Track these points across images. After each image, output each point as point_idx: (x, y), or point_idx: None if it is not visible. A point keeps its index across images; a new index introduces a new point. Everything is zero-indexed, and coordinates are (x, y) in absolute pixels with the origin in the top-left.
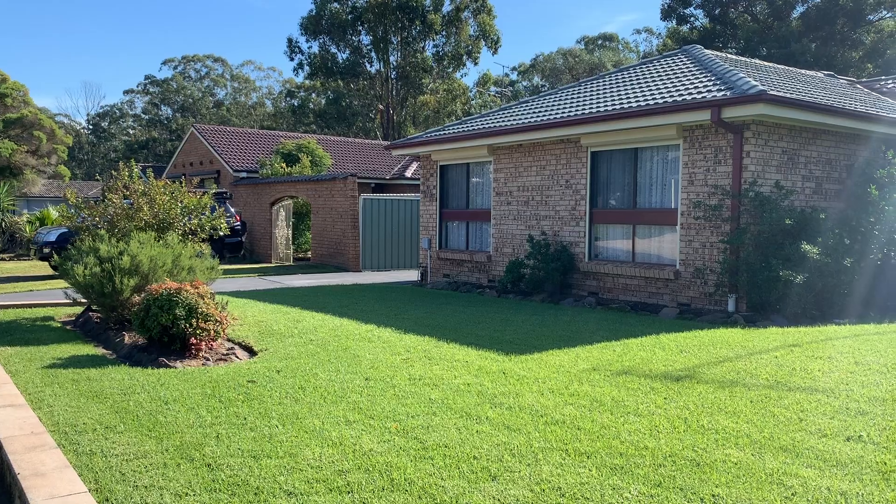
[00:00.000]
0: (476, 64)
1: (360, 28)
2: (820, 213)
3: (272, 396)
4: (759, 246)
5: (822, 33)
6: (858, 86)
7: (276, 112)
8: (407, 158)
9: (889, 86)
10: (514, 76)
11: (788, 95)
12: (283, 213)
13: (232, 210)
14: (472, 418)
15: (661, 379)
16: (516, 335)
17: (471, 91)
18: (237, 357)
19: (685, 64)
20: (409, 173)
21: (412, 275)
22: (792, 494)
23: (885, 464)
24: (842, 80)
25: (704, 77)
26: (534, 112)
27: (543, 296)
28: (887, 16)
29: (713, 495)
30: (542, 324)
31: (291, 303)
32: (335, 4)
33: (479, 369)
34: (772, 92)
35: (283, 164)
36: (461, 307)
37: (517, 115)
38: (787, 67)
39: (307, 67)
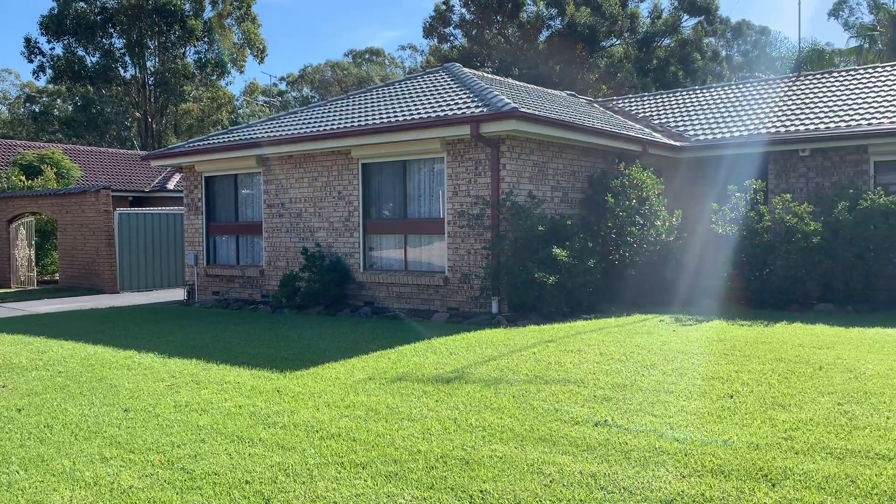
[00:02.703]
0: (242, 72)
1: (112, 30)
2: (567, 219)
3: (12, 438)
4: (517, 251)
5: (564, 57)
6: (596, 104)
7: (13, 119)
8: (169, 169)
9: (620, 105)
10: (282, 86)
11: (537, 112)
12: (24, 232)
13: None
14: (244, 441)
15: (433, 382)
16: (291, 351)
17: (237, 100)
18: None
19: (446, 81)
20: (171, 185)
21: (178, 294)
22: (550, 481)
23: (627, 444)
24: (581, 100)
25: (464, 94)
26: (304, 123)
27: (320, 308)
28: (616, 43)
29: (481, 491)
30: (318, 337)
31: (35, 332)
32: (81, 3)
33: (251, 389)
34: (522, 109)
35: (23, 177)
36: (232, 325)
37: (287, 125)
38: (535, 87)
39: (50, 70)
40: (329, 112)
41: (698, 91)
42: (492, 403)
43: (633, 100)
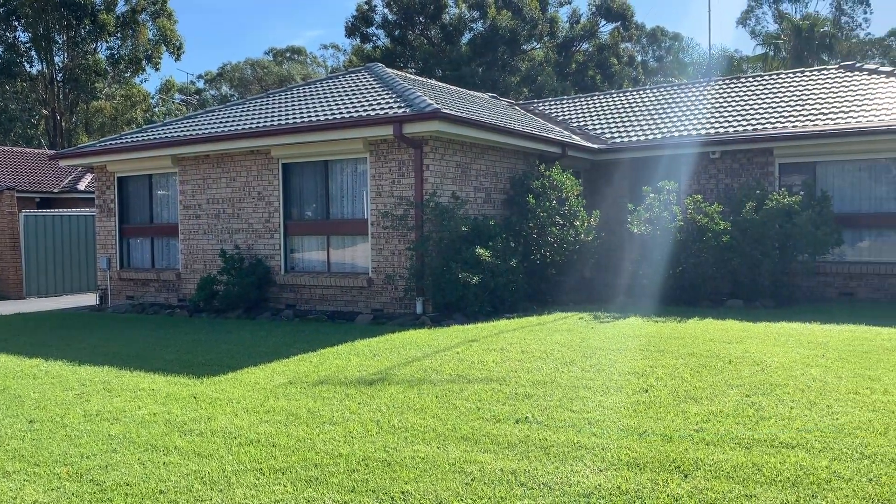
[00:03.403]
0: (157, 70)
1: (16, 23)
2: (490, 220)
3: None
4: (441, 252)
5: (486, 59)
6: (517, 107)
7: None
8: (80, 170)
9: (540, 108)
10: (200, 84)
11: (459, 114)
12: None
13: None
14: (158, 450)
15: (356, 385)
16: (209, 356)
17: (153, 98)
18: None
19: (369, 81)
20: (82, 186)
21: (91, 299)
22: (472, 480)
23: (547, 440)
24: (503, 102)
25: (387, 94)
26: (222, 122)
27: (239, 312)
28: (537, 46)
29: (403, 492)
30: (237, 342)
31: None
32: None
33: (167, 396)
34: (445, 110)
35: None
36: (147, 330)
37: (204, 124)
38: (458, 88)
39: None
40: (248, 111)
41: (615, 95)
42: (415, 404)
43: (552, 103)
